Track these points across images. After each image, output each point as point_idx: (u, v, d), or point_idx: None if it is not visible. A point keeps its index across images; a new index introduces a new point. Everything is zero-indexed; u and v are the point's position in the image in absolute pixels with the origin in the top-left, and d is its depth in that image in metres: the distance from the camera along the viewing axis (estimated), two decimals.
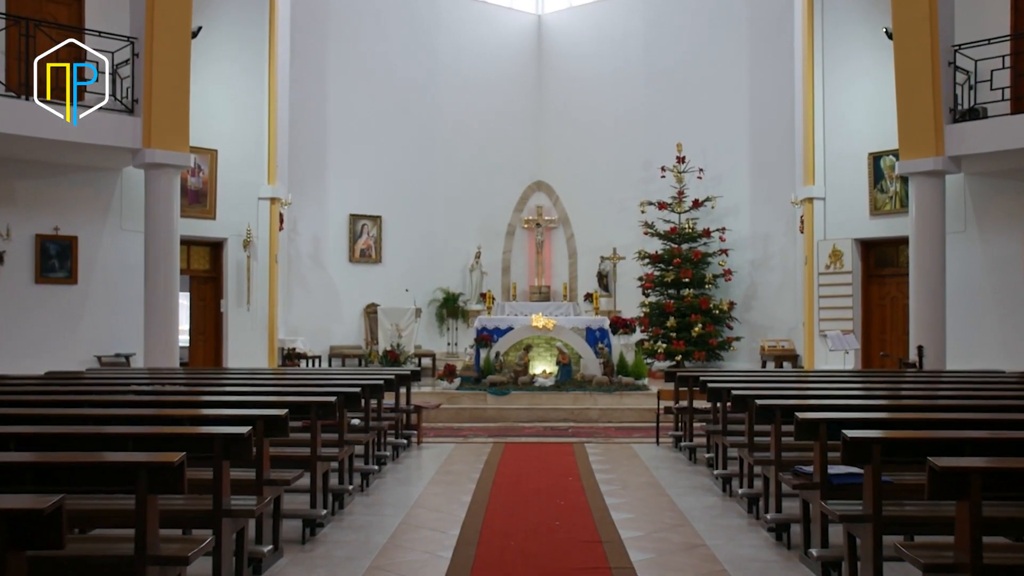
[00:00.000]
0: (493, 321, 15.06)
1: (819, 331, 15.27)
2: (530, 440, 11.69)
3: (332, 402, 6.46)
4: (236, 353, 15.30)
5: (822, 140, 15.33)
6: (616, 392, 14.02)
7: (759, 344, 17.19)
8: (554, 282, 19.83)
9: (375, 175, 18.43)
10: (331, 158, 18.12)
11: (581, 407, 13.78)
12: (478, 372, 14.51)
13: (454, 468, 9.52)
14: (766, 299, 17.65)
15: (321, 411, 6.44)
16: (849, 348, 12.82)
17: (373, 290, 17.93)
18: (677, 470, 9.37)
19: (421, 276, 18.54)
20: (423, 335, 18.46)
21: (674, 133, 17.96)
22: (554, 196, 19.99)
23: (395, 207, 18.62)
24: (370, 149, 18.39)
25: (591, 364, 14.58)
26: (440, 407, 12.24)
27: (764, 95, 17.57)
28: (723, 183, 17.90)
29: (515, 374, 14.37)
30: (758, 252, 17.77)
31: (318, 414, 6.45)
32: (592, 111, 19.42)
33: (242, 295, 15.37)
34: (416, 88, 18.85)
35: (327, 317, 17.86)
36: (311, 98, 17.77)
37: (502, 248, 19.86)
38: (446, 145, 19.15)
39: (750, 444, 7.13)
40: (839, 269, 15.10)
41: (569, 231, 19.87)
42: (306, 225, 17.76)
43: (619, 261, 18.07)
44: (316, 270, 17.94)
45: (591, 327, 14.99)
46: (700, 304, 16.91)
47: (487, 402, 13.94)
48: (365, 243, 18.42)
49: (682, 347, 16.81)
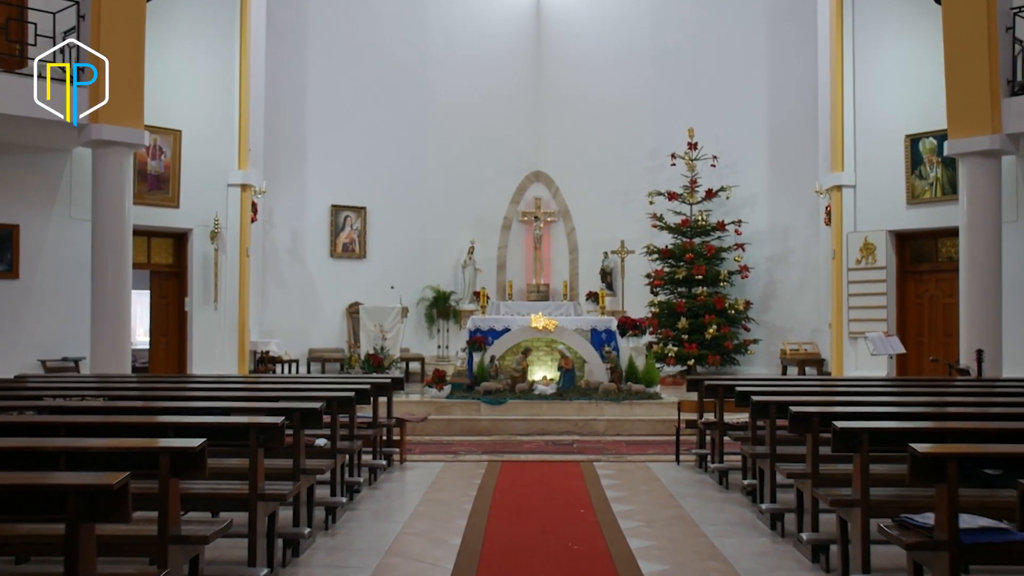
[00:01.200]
0: (488, 321, 13.55)
1: (848, 333, 13.78)
2: (530, 458, 10.17)
3: (277, 424, 4.93)
4: (202, 357, 13.76)
5: (852, 121, 13.84)
6: (625, 401, 12.52)
7: (779, 347, 15.74)
8: (553, 280, 18.34)
9: (359, 163, 16.92)
10: (311, 143, 16.60)
11: (586, 418, 12.28)
12: (471, 378, 13.01)
13: (442, 495, 8.00)
14: (786, 298, 16.17)
15: (265, 435, 4.91)
16: (893, 351, 11.33)
17: (356, 288, 16.40)
18: (707, 498, 7.87)
19: (409, 273, 17.05)
20: (411, 337, 16.96)
21: (685, 118, 16.49)
22: (553, 187, 18.49)
23: (381, 198, 17.10)
24: (354, 134, 16.88)
25: (597, 370, 13.08)
26: (427, 419, 10.72)
27: (784, 74, 16.11)
28: (739, 171, 16.43)
29: (512, 381, 12.87)
30: (777, 247, 16.29)
31: (262, 439, 4.93)
32: (595, 95, 17.90)
33: (209, 292, 13.84)
34: (405, 68, 17.34)
35: (306, 317, 16.34)
36: (289, 77, 16.26)
37: (497, 243, 18.34)
38: (437, 131, 17.64)
39: (814, 475, 5.62)
40: (871, 264, 13.62)
41: (570, 225, 18.37)
42: (283, 216, 16.25)
43: (627, 255, 16.53)
44: (294, 266, 16.42)
45: (596, 328, 13.49)
46: (714, 303, 15.42)
47: (481, 412, 12.43)
48: (348, 236, 16.90)
49: (695, 350, 15.32)
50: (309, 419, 5.82)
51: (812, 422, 5.58)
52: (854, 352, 13.73)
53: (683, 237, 16.15)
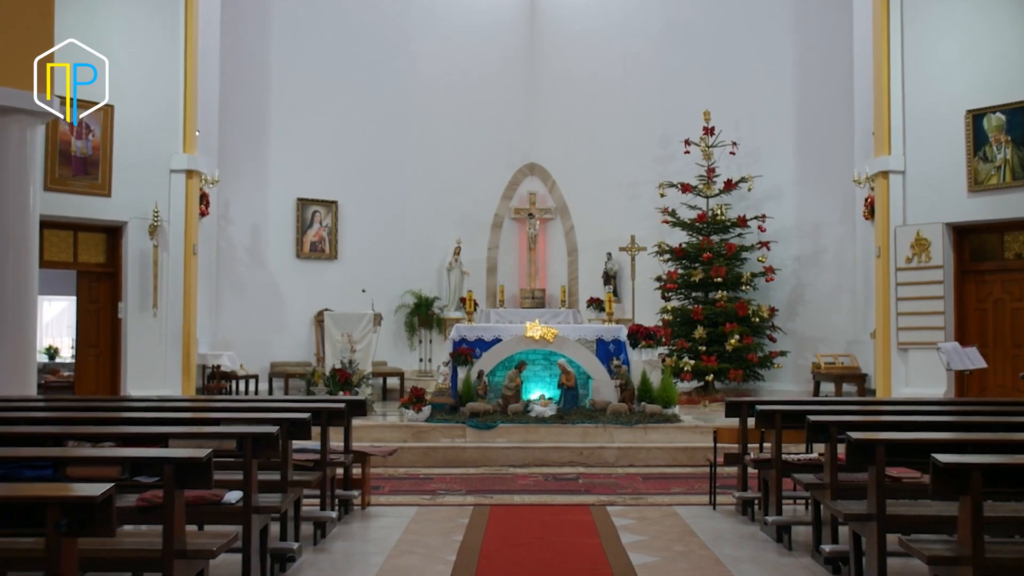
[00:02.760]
0: (475, 331, 11.50)
1: (897, 344, 11.76)
2: (526, 500, 8.11)
3: (92, 499, 2.87)
4: (140, 372, 11.68)
5: (900, 96, 11.83)
6: (639, 425, 10.49)
7: (808, 360, 13.75)
8: (550, 285, 16.32)
9: (330, 151, 14.90)
10: (275, 128, 14.57)
11: (593, 445, 10.25)
12: (455, 398, 10.96)
13: (409, 561, 5.93)
14: (816, 304, 14.16)
15: (73, 519, 2.85)
16: (972, 366, 9.32)
17: (326, 292, 14.34)
18: (770, 566, 5.81)
19: (387, 276, 15.03)
20: (388, 349, 14.94)
21: (699, 100, 14.51)
22: (550, 180, 16.47)
23: (355, 191, 15.08)
24: (325, 119, 14.87)
25: (604, 387, 11.05)
26: (396, 452, 8.62)
27: (814, 46, 14.19)
28: (762, 160, 14.46)
29: (504, 401, 10.83)
30: (806, 245, 14.29)
31: (63, 527, 2.86)
32: (597, 75, 15.91)
33: (147, 296, 11.76)
34: (383, 45, 15.33)
35: (268, 326, 14.30)
36: (249, 52, 14.27)
37: (487, 243, 16.32)
38: (419, 117, 15.63)
39: (977, 562, 3.58)
40: (924, 263, 11.62)
41: (568, 223, 16.35)
42: (241, 211, 14.20)
43: (638, 253, 14.47)
44: (254, 267, 14.36)
45: (603, 338, 11.46)
46: (736, 310, 13.40)
47: (466, 438, 10.38)
48: (317, 235, 14.85)
49: (714, 363, 13.29)
50: (192, 474, 3.75)
51: (974, 477, 3.54)
52: (903, 366, 11.73)
53: (699, 234, 14.14)
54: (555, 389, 11.11)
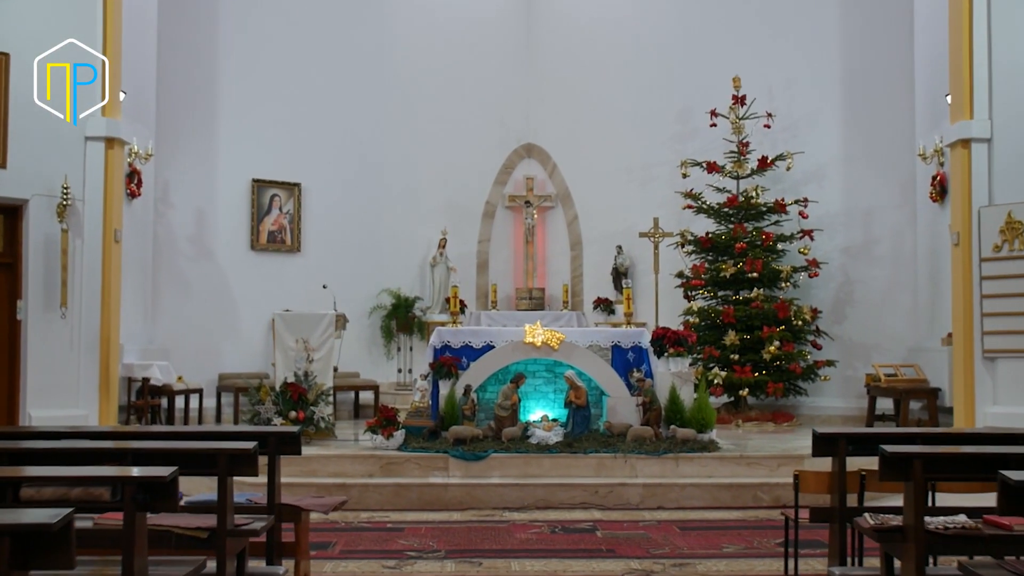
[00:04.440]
0: (462, 335, 9.24)
1: (983, 351, 9.53)
2: (530, 569, 5.84)
3: None
4: (44, 388, 9.37)
5: (986, 48, 9.59)
6: (668, 455, 8.25)
7: (859, 371, 11.59)
8: (550, 283, 14.10)
9: (293, 126, 12.66)
10: (226, 97, 12.33)
11: (610, 482, 8.01)
12: (435, 420, 8.70)
13: None
14: (868, 304, 11.94)
15: None
16: None
17: (287, 291, 12.00)
18: None
19: (359, 272, 12.84)
20: (362, 358, 12.80)
21: (727, 65, 12.28)
22: (550, 163, 14.26)
23: (321, 172, 12.85)
24: (287, 87, 12.65)
25: (623, 406, 8.81)
26: (343, 506, 6.31)
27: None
28: (801, 135, 12.25)
29: (497, 424, 8.57)
30: (855, 235, 12.08)
31: None
32: (604, 43, 13.69)
33: (54, 293, 9.46)
34: (358, 8, 13.07)
35: (216, 331, 12.05)
36: (194, 4, 11.99)
37: (477, 236, 14.10)
38: (399, 90, 13.41)
39: None
40: (1017, 251, 9.39)
41: (571, 212, 14.14)
42: (184, 193, 11.94)
43: (662, 240, 12.17)
44: (199, 260, 12.10)
45: (620, 345, 9.23)
46: (776, 311, 11.16)
47: (449, 472, 8.13)
48: (276, 223, 12.60)
49: (749, 375, 11.05)
50: None
51: None
52: (990, 379, 9.51)
53: (729, 222, 11.91)
54: (561, 409, 8.89)
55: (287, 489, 5.88)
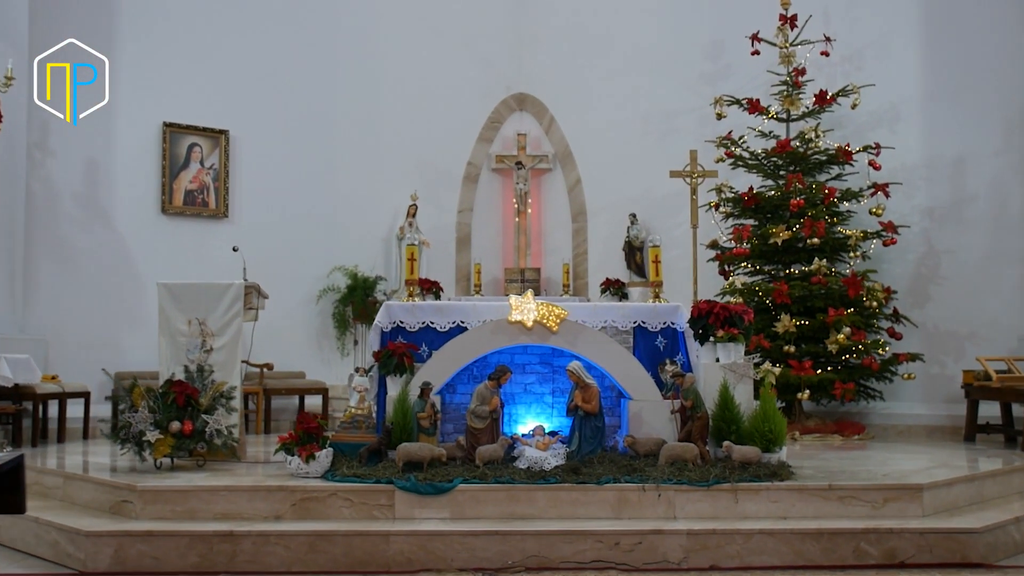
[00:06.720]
0: (421, 312, 6.52)
1: None
2: None
3: None
4: None
5: None
6: (722, 485, 5.48)
7: (950, 367, 8.88)
8: (547, 263, 11.48)
9: (219, 57, 10.03)
10: (128, 15, 9.60)
11: (638, 527, 5.26)
12: (379, 434, 5.96)
13: None
14: (960, 281, 9.23)
15: None
16: None
17: (210, 267, 9.18)
18: None
19: (305, 246, 10.27)
20: (309, 353, 10.24)
21: None
22: (546, 117, 11.64)
23: (257, 118, 10.20)
24: (212, 8, 9.94)
25: (652, 413, 6.10)
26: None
27: None
28: (868, 67, 9.63)
29: (470, 439, 5.84)
30: (941, 192, 9.37)
31: None
32: None
33: None
34: None
35: (113, 317, 9.32)
36: None
37: (456, 204, 11.48)
38: (357, 20, 10.76)
39: None
40: None
41: (573, 175, 11.49)
42: (70, 138, 9.21)
43: (702, 181, 9.29)
44: (91, 226, 9.40)
45: (646, 326, 6.56)
46: (846, 288, 8.46)
47: (395, 515, 5.38)
48: (195, 180, 9.89)
49: (810, 371, 8.32)
50: None
51: None
52: None
53: (778, 176, 9.22)
54: (562, 417, 6.16)
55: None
